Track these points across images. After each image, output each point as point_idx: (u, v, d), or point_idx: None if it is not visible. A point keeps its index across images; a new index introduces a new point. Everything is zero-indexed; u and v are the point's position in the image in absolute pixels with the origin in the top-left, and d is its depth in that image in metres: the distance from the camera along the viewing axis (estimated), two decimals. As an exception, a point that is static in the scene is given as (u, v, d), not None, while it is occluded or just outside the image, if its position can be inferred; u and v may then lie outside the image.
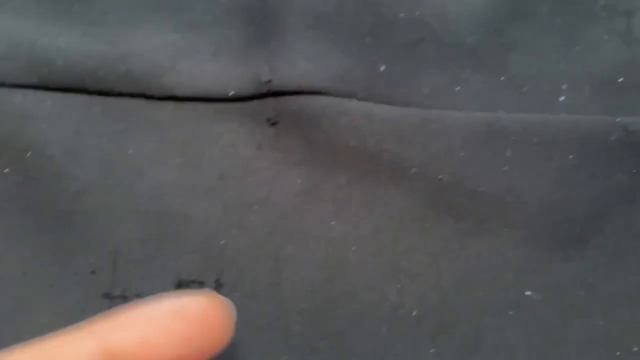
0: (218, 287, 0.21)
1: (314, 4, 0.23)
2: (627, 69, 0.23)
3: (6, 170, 0.22)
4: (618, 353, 0.21)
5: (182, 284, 0.21)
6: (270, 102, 0.23)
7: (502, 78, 0.24)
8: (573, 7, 0.24)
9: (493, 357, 0.21)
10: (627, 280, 0.21)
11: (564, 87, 0.23)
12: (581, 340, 0.21)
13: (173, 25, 0.24)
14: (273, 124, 0.23)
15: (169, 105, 0.23)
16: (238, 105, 0.23)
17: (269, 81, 0.23)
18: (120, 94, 0.23)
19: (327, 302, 0.21)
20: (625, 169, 0.22)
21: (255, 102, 0.23)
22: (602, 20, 0.24)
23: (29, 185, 0.22)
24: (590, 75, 0.23)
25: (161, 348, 0.14)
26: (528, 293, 0.21)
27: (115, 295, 0.21)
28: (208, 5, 0.24)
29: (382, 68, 0.24)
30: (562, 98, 0.23)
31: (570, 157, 0.22)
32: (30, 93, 0.22)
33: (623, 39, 0.24)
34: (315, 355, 0.20)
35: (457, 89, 0.24)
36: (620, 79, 0.23)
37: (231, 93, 0.23)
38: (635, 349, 0.21)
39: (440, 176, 0.22)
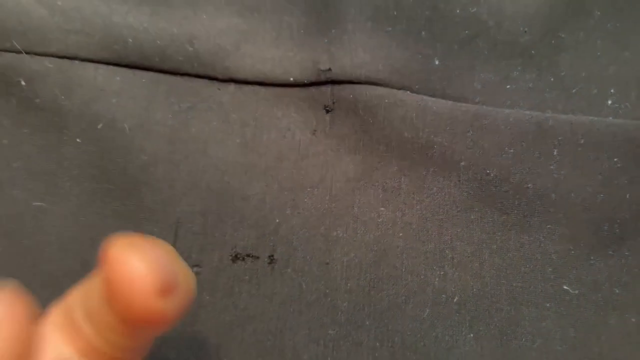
0: (271, 262, 0.22)
1: (375, -4, 0.24)
2: (678, 77, 0.23)
3: (78, 140, 0.23)
4: None
5: (238, 257, 0.22)
6: (327, 89, 0.24)
7: (552, 79, 0.24)
8: (625, 12, 0.25)
9: (528, 346, 0.22)
10: (662, 281, 0.22)
11: (612, 90, 0.24)
12: (614, 334, 0.22)
13: (236, 10, 0.24)
14: (329, 111, 0.24)
15: (231, 87, 0.24)
16: (296, 91, 0.24)
17: (328, 69, 0.23)
18: (185, 74, 0.24)
19: (373, 283, 0.22)
20: (669, 175, 0.22)
21: (313, 89, 0.24)
22: (656, 27, 0.24)
23: (100, 155, 0.23)
24: (638, 80, 0.24)
25: None
26: (565, 287, 0.22)
27: (175, 264, 0.22)
28: (270, -8, 0.25)
29: (437, 62, 0.24)
30: (609, 102, 0.24)
31: (615, 159, 0.23)
32: (102, 68, 0.23)
33: (676, 48, 0.24)
34: (360, 331, 0.22)
35: (508, 87, 0.24)
36: None
37: (291, 79, 0.24)
38: None
39: (488, 170, 0.23)
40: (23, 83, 0.23)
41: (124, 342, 0.14)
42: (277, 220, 0.23)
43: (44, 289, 0.22)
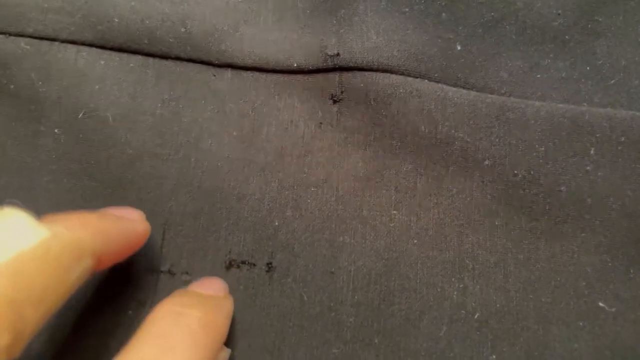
0: (270, 270, 0.20)
1: (390, -28, 0.21)
2: None
3: (57, 131, 0.21)
4: None
5: (232, 264, 0.20)
6: (335, 77, 0.21)
7: (588, 68, 0.22)
8: (670, -7, 0.22)
9: (558, 370, 0.19)
10: None
11: (655, 82, 0.21)
12: (656, 359, 0.19)
13: None
14: (336, 101, 0.21)
15: (228, 73, 0.21)
16: (300, 78, 0.21)
17: (336, 54, 0.21)
18: (177, 58, 0.21)
19: (383, 296, 0.20)
20: None
21: (319, 76, 0.21)
22: None
23: (80, 148, 0.21)
24: (685, 71, 0.21)
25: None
26: (601, 304, 0.20)
27: (162, 270, 0.20)
28: (274, -32, 0.22)
29: (459, 48, 0.22)
30: (652, 94, 0.21)
31: None
32: (84, 51, 0.21)
33: None
34: (368, 350, 0.19)
35: (538, 76, 0.22)
36: None
37: (294, 65, 0.21)
38: None
39: (515, 171, 0.20)
40: (-4, 67, 0.21)
41: None
42: (277, 223, 0.20)
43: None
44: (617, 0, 0.23)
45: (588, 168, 0.20)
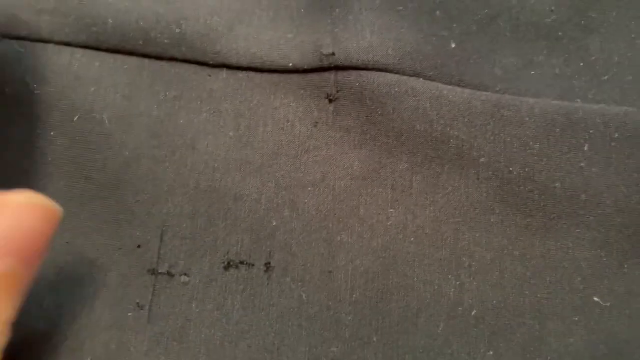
0: (268, 270, 0.20)
1: (384, -29, 0.21)
2: None
3: (52, 133, 0.21)
4: None
5: (231, 265, 0.20)
6: (330, 76, 0.21)
7: (582, 64, 0.22)
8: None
9: (554, 365, 0.19)
10: None
11: (649, 77, 0.21)
12: (651, 352, 0.20)
13: None
14: (332, 100, 0.21)
15: (223, 73, 0.21)
16: (296, 78, 0.21)
17: (332, 54, 0.21)
18: (172, 59, 0.21)
19: (381, 294, 0.20)
20: None
21: (314, 76, 0.21)
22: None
23: (76, 151, 0.21)
24: (678, 66, 0.21)
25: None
26: (596, 299, 0.20)
27: (161, 272, 0.20)
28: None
29: (453, 46, 0.22)
30: (646, 90, 0.21)
31: None
32: (79, 52, 0.21)
33: None
34: (367, 349, 0.19)
35: (532, 73, 0.22)
36: None
37: (290, 64, 0.21)
38: None
39: (510, 168, 0.20)
40: (-10, 69, 0.20)
41: None
42: (274, 223, 0.20)
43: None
44: (610, -4, 0.23)
45: (582, 164, 0.20)
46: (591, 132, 0.20)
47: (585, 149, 0.20)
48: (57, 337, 0.19)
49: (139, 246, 0.20)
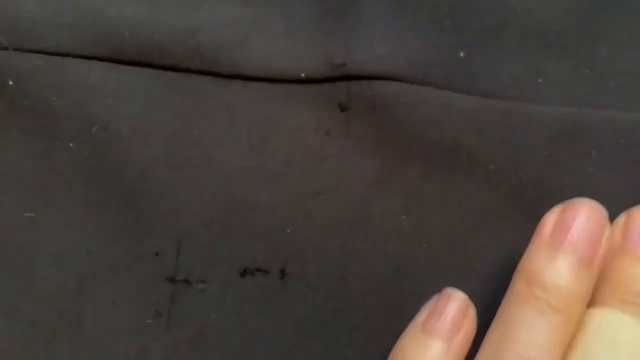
0: (283, 276, 0.20)
1: (393, -18, 0.22)
2: None
3: (71, 145, 0.21)
4: None
5: (246, 272, 0.20)
6: (342, 86, 0.22)
7: (588, 71, 0.22)
8: (670, -5, 0.22)
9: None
10: None
11: (657, 84, 0.22)
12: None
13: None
14: (344, 109, 0.22)
15: (237, 84, 0.22)
16: (309, 87, 0.22)
17: (344, 64, 0.21)
18: (187, 70, 0.22)
19: (395, 300, 0.20)
20: None
21: (327, 86, 0.22)
22: None
23: (94, 161, 0.21)
24: (684, 72, 0.22)
25: None
26: None
27: (178, 280, 0.20)
28: (280, -21, 0.22)
29: (462, 54, 0.22)
30: (654, 97, 0.21)
31: None
32: (97, 65, 0.21)
33: None
34: (381, 354, 0.20)
35: (540, 80, 0.22)
36: None
37: (302, 75, 0.22)
38: None
39: (520, 174, 0.21)
40: (10, 83, 0.21)
41: None
42: (289, 231, 0.21)
43: (37, 307, 0.20)
44: (616, 4, 0.23)
45: (590, 170, 0.21)
46: (599, 138, 0.21)
47: (593, 155, 0.21)
48: (76, 345, 0.20)
49: (156, 254, 0.20)
